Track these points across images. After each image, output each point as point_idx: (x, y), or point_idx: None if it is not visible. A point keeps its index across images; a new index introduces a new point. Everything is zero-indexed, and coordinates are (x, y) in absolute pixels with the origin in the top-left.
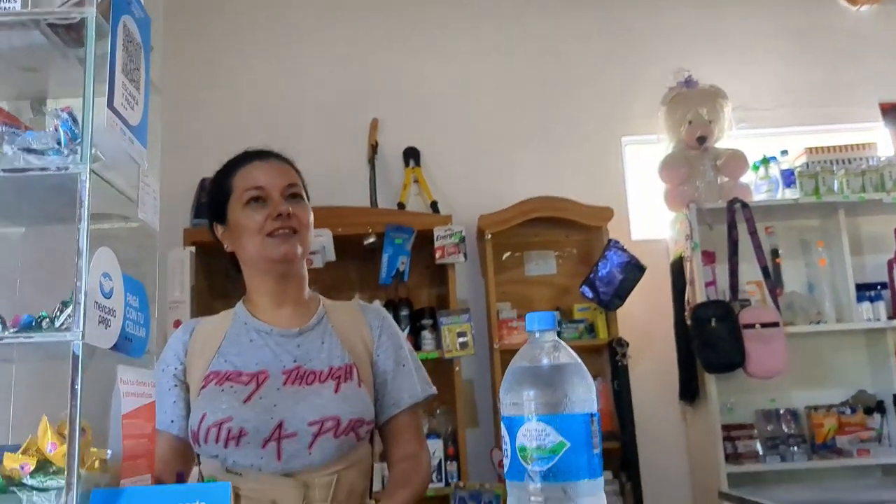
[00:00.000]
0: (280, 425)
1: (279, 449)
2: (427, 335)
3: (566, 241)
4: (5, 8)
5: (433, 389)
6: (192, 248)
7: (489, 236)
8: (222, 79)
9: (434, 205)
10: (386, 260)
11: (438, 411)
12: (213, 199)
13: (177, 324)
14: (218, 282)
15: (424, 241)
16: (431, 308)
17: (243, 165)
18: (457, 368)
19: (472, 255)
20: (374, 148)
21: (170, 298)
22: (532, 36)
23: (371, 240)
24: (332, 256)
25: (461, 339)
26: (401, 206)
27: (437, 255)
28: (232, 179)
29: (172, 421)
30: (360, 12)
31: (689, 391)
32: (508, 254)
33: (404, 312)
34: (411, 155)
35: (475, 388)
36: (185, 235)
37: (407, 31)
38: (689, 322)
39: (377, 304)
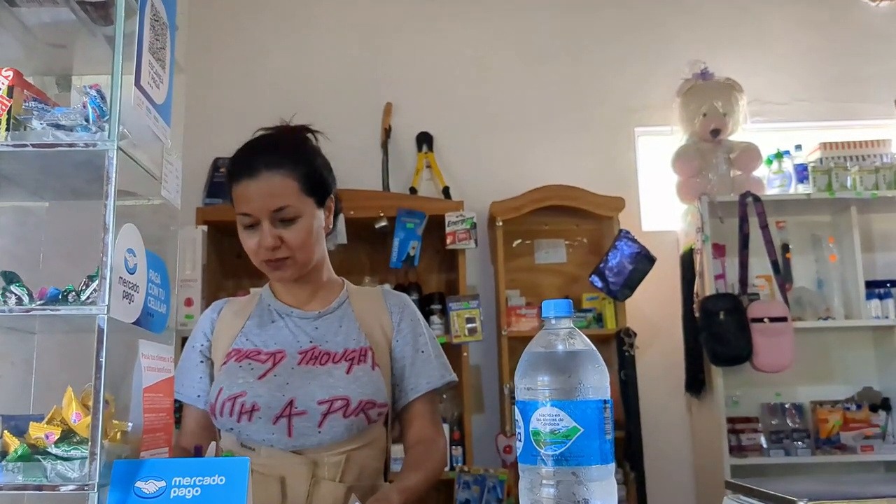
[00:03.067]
0: (291, 402)
1: (290, 426)
2: (436, 320)
3: (577, 231)
4: None
5: (453, 376)
6: (205, 227)
7: (500, 223)
8: (237, 59)
9: (446, 190)
10: (397, 244)
11: (445, 396)
12: (230, 200)
13: (188, 302)
14: (229, 261)
15: (435, 226)
16: (441, 293)
17: (237, 182)
18: (465, 354)
19: (483, 241)
20: (387, 132)
21: (181, 276)
22: (548, 24)
23: (383, 223)
24: (343, 239)
25: (469, 325)
26: (413, 190)
27: (448, 240)
28: (232, 192)
29: (199, 396)
30: None
31: (696, 383)
32: (519, 241)
33: (413, 297)
34: (424, 140)
35: (482, 374)
36: (198, 214)
37: (422, 16)
38: (697, 314)
39: (382, 286)
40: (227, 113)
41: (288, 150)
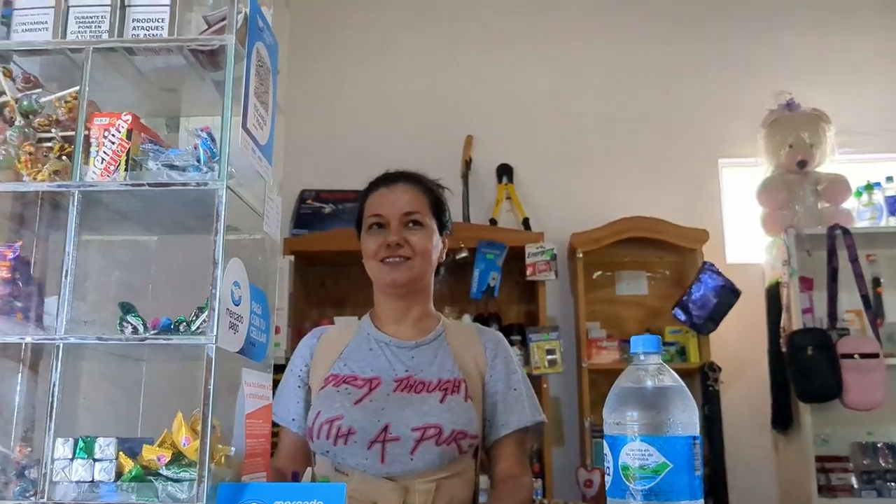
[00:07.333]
0: (385, 428)
1: (383, 451)
2: (515, 351)
3: (659, 263)
4: (154, 34)
5: (543, 417)
6: (292, 258)
7: (581, 255)
8: (319, 93)
9: (526, 222)
10: (477, 275)
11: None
12: (356, 218)
13: (275, 330)
14: (313, 290)
15: (515, 257)
16: (520, 324)
17: (373, 191)
18: (544, 386)
19: (563, 272)
20: (467, 164)
21: None
22: (630, 56)
23: (463, 254)
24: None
25: (550, 357)
26: (493, 221)
27: (528, 271)
28: (364, 203)
29: (294, 419)
30: (457, 31)
31: (782, 420)
32: (599, 273)
33: (493, 328)
34: (504, 171)
35: (562, 407)
36: (285, 245)
37: (502, 49)
38: (784, 349)
39: (476, 324)
40: (311, 146)
41: (423, 178)
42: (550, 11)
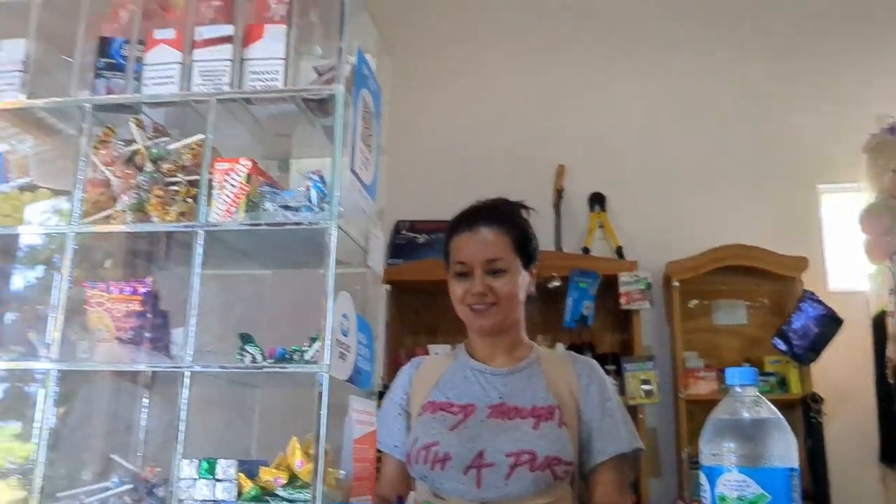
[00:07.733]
0: (480, 454)
1: (479, 477)
2: (610, 380)
3: (757, 291)
4: (270, 85)
5: (640, 444)
6: (388, 287)
7: (676, 284)
8: (415, 125)
9: (619, 250)
10: (570, 303)
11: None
12: (443, 252)
13: None
14: (408, 318)
15: (609, 285)
16: (615, 354)
17: (456, 234)
18: (640, 416)
19: (658, 301)
20: (559, 193)
21: None
22: (725, 79)
23: (556, 283)
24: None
25: (645, 387)
26: (585, 250)
27: (623, 300)
28: (448, 245)
29: (396, 445)
30: (549, 62)
31: (891, 453)
32: (696, 302)
33: (587, 357)
34: (597, 200)
35: (658, 437)
36: (381, 274)
37: (594, 78)
38: (891, 380)
39: (570, 352)
40: (404, 177)
41: (504, 213)
42: (641, 41)
